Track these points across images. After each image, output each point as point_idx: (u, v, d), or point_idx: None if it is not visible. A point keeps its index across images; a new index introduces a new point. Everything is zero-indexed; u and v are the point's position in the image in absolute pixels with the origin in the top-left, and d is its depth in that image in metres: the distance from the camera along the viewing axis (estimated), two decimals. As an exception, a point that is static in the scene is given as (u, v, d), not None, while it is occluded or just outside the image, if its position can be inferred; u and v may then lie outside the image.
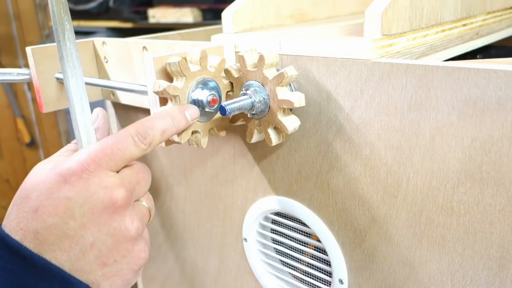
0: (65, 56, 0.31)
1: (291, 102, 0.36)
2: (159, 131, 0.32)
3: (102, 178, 0.29)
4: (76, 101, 0.32)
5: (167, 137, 0.33)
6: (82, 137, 0.32)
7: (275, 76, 0.36)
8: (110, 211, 0.29)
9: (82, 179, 0.28)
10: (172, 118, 0.33)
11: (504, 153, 0.29)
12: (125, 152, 0.30)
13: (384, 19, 0.35)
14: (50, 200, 0.28)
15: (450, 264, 0.34)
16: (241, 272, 0.53)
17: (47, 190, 0.28)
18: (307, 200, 0.43)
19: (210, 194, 0.53)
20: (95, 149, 0.30)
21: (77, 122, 0.32)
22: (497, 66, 0.29)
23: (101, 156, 0.29)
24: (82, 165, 0.29)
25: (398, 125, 0.34)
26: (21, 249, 0.27)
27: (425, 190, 0.34)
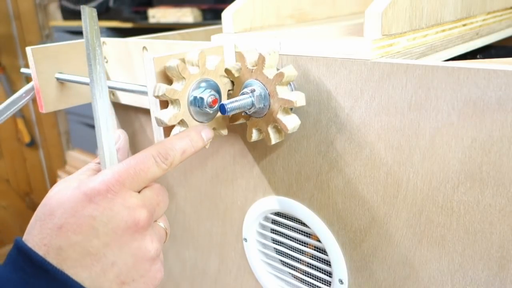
0: (95, 79, 0.33)
1: (291, 102, 0.36)
2: (179, 151, 0.33)
3: (126, 198, 0.30)
4: (102, 122, 0.33)
5: (186, 157, 0.34)
6: (106, 158, 0.33)
7: (275, 76, 0.36)
8: (132, 231, 0.30)
9: (106, 199, 0.29)
10: (191, 139, 0.34)
11: (504, 153, 0.29)
12: (147, 172, 0.31)
13: (384, 19, 0.35)
14: (75, 218, 0.29)
15: (450, 264, 0.34)
16: (241, 272, 0.53)
17: (72, 208, 0.29)
18: (307, 200, 0.43)
19: (210, 194, 0.53)
20: (119, 169, 0.31)
21: (102, 143, 0.33)
22: (497, 66, 0.29)
23: (125, 177, 0.30)
24: (107, 185, 0.30)
25: (398, 125, 0.34)
26: (44, 264, 0.28)
27: (425, 190, 0.34)
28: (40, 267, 0.28)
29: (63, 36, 1.93)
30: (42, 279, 0.27)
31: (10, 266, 0.28)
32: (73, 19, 1.92)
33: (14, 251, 0.28)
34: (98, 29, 0.32)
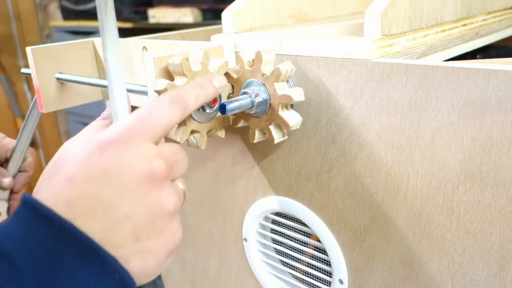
0: (105, 28, 0.31)
1: (290, 97, 0.36)
2: (192, 95, 0.32)
3: (141, 147, 0.28)
4: (113, 73, 0.31)
5: (200, 103, 0.32)
6: (118, 109, 0.31)
7: (273, 72, 0.36)
8: (148, 182, 0.27)
9: (120, 148, 0.27)
10: (201, 86, 0.33)
11: (504, 153, 0.29)
12: (162, 119, 0.29)
13: (384, 19, 0.35)
14: (86, 168, 0.26)
15: (450, 264, 0.34)
16: (241, 272, 0.53)
17: (83, 159, 0.27)
18: (307, 200, 0.43)
19: (210, 194, 0.53)
20: (132, 119, 0.29)
21: (113, 94, 0.31)
22: (497, 66, 0.29)
23: (139, 126, 0.28)
24: (120, 134, 0.28)
25: (398, 125, 0.34)
26: (50, 214, 0.25)
27: (425, 190, 0.34)
28: (45, 217, 0.25)
29: (63, 36, 1.93)
30: (47, 230, 0.25)
31: (15, 220, 0.26)
32: (73, 19, 1.92)
33: (20, 206, 0.26)
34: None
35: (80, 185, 0.26)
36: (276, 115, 0.37)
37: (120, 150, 0.27)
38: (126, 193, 0.27)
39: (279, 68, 0.35)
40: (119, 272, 0.26)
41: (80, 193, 0.26)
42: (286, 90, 0.36)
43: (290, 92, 0.36)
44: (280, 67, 0.35)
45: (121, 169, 0.27)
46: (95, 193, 0.26)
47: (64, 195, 0.26)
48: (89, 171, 0.26)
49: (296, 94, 0.36)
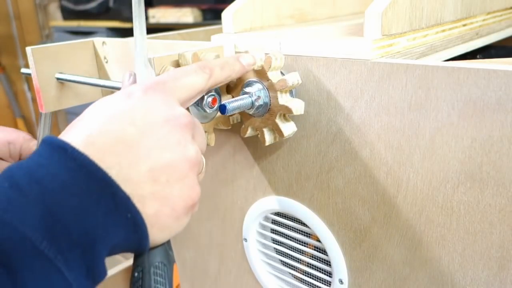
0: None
1: (290, 110, 0.36)
2: (219, 65, 0.32)
3: (166, 98, 0.28)
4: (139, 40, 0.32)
5: (225, 75, 0.33)
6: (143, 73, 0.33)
7: (279, 81, 0.36)
8: (171, 124, 0.27)
9: (146, 94, 0.27)
10: (227, 61, 0.34)
11: (504, 153, 0.29)
12: (187, 80, 0.30)
13: (384, 19, 0.35)
14: (109, 110, 0.26)
15: (450, 264, 0.34)
16: (241, 272, 0.53)
17: (108, 102, 0.27)
18: (307, 200, 0.43)
19: (210, 194, 0.53)
20: (158, 77, 0.29)
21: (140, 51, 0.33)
22: (497, 66, 0.29)
23: (166, 81, 0.29)
24: (147, 85, 0.28)
25: (398, 125, 0.34)
26: (64, 146, 0.24)
27: (425, 190, 0.34)
28: (60, 149, 0.24)
29: (63, 36, 1.93)
30: (59, 161, 0.24)
31: (31, 155, 0.25)
32: (73, 19, 1.92)
33: (39, 145, 0.25)
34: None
35: (102, 122, 0.26)
36: (273, 121, 0.37)
37: (146, 96, 0.27)
38: (148, 132, 0.26)
39: (286, 80, 0.36)
40: (131, 210, 0.25)
41: (100, 130, 0.25)
42: (288, 100, 0.37)
43: (291, 104, 0.36)
44: (287, 79, 0.36)
45: (145, 110, 0.27)
46: (117, 130, 0.25)
47: (84, 132, 0.25)
48: (112, 111, 0.26)
49: (296, 108, 0.36)
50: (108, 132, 0.25)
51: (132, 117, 0.26)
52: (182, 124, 0.27)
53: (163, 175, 0.26)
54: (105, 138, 0.25)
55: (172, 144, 0.27)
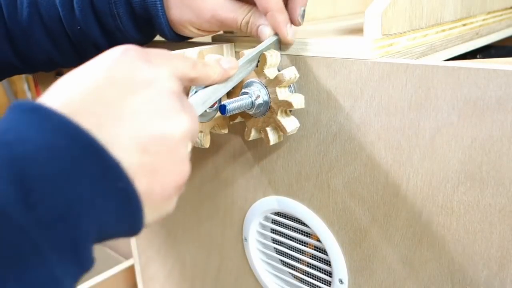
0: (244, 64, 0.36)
1: (290, 104, 0.36)
2: (200, 62, 0.30)
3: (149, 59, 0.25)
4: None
5: (207, 73, 0.30)
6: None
7: (276, 77, 0.36)
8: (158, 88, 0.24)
9: (126, 55, 0.24)
10: (207, 61, 0.32)
11: (504, 153, 0.29)
12: (174, 59, 0.27)
13: (384, 19, 0.35)
14: (86, 72, 0.23)
15: (450, 264, 0.34)
16: (241, 272, 0.53)
17: (84, 66, 0.24)
18: (307, 200, 0.43)
19: (210, 194, 0.53)
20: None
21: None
22: (497, 66, 0.29)
23: (150, 49, 0.26)
24: (128, 46, 0.25)
25: (398, 125, 0.34)
26: (34, 106, 0.21)
27: (425, 190, 0.34)
28: (26, 109, 0.20)
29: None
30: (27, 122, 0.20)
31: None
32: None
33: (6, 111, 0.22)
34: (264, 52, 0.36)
35: (78, 84, 0.22)
36: (275, 118, 0.37)
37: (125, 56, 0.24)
38: (131, 93, 0.23)
39: (283, 74, 0.35)
40: (122, 178, 0.21)
41: (77, 90, 0.22)
42: (287, 95, 0.36)
43: (291, 98, 0.36)
44: (284, 73, 0.35)
45: (126, 69, 0.24)
46: (94, 90, 0.22)
47: (58, 94, 0.22)
48: (89, 73, 0.23)
49: (297, 101, 0.36)
50: (85, 92, 0.22)
51: (112, 77, 0.23)
52: (171, 88, 0.24)
53: (153, 145, 0.23)
54: (82, 99, 0.22)
55: (162, 110, 0.23)
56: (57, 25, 0.42)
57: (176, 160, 0.24)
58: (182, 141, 0.24)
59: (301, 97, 0.36)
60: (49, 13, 0.42)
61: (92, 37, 0.42)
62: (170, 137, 0.23)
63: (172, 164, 0.24)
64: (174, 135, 0.24)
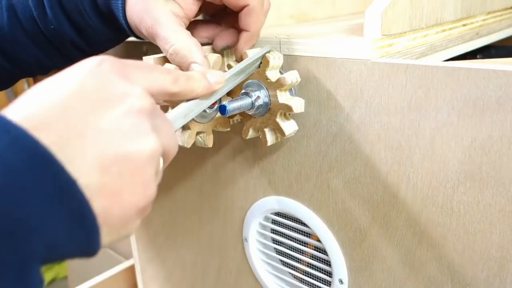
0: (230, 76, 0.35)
1: (290, 108, 0.36)
2: (184, 75, 0.29)
3: (124, 74, 0.24)
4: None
5: (191, 87, 0.30)
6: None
7: (278, 80, 0.36)
8: (128, 106, 0.23)
9: (100, 67, 0.23)
10: (193, 75, 0.31)
11: (504, 153, 0.29)
12: (153, 72, 0.26)
13: (384, 19, 0.35)
14: (55, 83, 0.22)
15: (450, 264, 0.34)
16: (241, 272, 0.53)
17: (55, 77, 0.23)
18: (307, 200, 0.43)
19: (210, 194, 0.53)
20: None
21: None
22: (497, 66, 0.29)
23: (128, 61, 0.25)
24: (103, 57, 0.24)
25: (398, 125, 0.34)
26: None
27: (425, 190, 0.34)
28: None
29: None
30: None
31: None
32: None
33: None
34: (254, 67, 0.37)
35: (43, 96, 0.21)
36: (274, 120, 0.37)
37: (99, 68, 0.23)
38: (99, 110, 0.22)
39: (285, 78, 0.35)
40: (77, 198, 0.20)
41: (41, 103, 0.21)
42: (287, 99, 0.36)
43: (291, 102, 0.36)
44: (286, 77, 0.35)
45: (96, 84, 0.23)
46: (59, 104, 0.21)
47: (21, 107, 0.21)
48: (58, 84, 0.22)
49: (297, 106, 0.36)
50: (49, 105, 0.21)
51: (80, 90, 0.22)
52: (140, 107, 0.23)
53: (114, 165, 0.22)
54: (45, 112, 0.21)
55: (128, 130, 0.22)
56: (34, 26, 0.42)
57: (140, 182, 0.23)
58: (148, 162, 0.23)
59: (301, 101, 0.37)
60: (25, 15, 0.42)
61: (67, 35, 0.42)
62: (135, 158, 0.22)
63: (135, 186, 0.23)
64: (139, 157, 0.23)
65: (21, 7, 0.41)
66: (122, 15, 0.38)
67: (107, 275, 0.77)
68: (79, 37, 0.42)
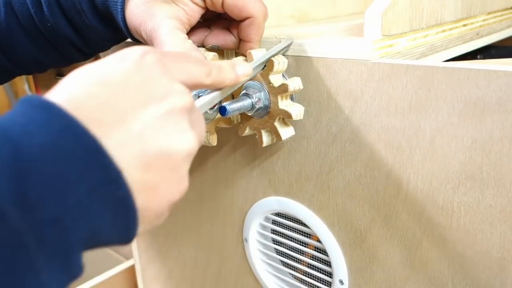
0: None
1: (290, 115, 0.36)
2: (216, 66, 0.29)
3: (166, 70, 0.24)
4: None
5: (220, 79, 0.29)
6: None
7: (280, 86, 0.36)
8: (170, 103, 0.23)
9: (143, 60, 0.24)
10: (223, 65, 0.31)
11: (505, 154, 0.29)
12: (190, 64, 0.26)
13: (384, 19, 0.35)
14: (99, 72, 0.22)
15: (450, 265, 0.34)
16: (241, 272, 0.53)
17: (98, 65, 0.23)
18: (308, 201, 0.43)
19: (210, 195, 0.53)
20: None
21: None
22: (498, 66, 0.29)
23: (167, 53, 0.26)
24: (145, 49, 0.24)
25: (399, 126, 0.34)
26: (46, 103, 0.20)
27: (426, 191, 0.34)
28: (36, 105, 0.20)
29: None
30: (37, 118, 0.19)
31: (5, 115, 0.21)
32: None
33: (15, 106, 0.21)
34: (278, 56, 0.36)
35: (90, 86, 0.22)
36: (272, 124, 0.37)
37: (142, 62, 0.24)
38: (143, 106, 0.22)
39: (288, 85, 0.35)
40: (122, 189, 0.21)
41: (89, 93, 0.21)
42: (288, 105, 0.37)
43: (291, 109, 0.36)
44: (289, 84, 0.36)
45: (141, 78, 0.23)
46: (106, 97, 0.22)
47: (69, 95, 0.21)
48: (102, 74, 0.22)
49: (296, 113, 0.36)
50: (96, 97, 0.21)
51: (126, 84, 0.22)
52: (182, 104, 0.24)
53: (155, 162, 0.22)
54: (93, 104, 0.21)
55: (170, 127, 0.23)
56: (31, 23, 0.42)
57: (177, 178, 0.24)
58: (186, 159, 0.24)
59: (301, 108, 0.37)
60: (22, 12, 0.42)
61: (64, 33, 0.42)
62: (175, 155, 0.23)
63: (172, 182, 0.24)
64: (179, 154, 0.23)
65: (19, 3, 0.41)
66: (121, 17, 0.38)
67: (107, 275, 0.77)
68: (76, 35, 0.42)
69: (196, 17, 0.38)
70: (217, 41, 0.39)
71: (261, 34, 0.38)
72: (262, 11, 0.37)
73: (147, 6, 0.37)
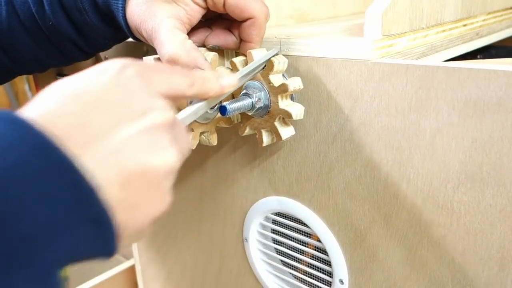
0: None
1: (290, 114, 0.36)
2: (201, 77, 0.29)
3: (147, 84, 0.24)
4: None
5: (205, 90, 0.29)
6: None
7: (280, 86, 0.36)
8: (151, 120, 0.23)
9: (122, 74, 0.23)
10: (208, 76, 0.30)
11: (505, 154, 0.29)
12: (172, 76, 0.26)
13: (384, 19, 0.35)
14: (76, 87, 0.22)
15: (450, 264, 0.34)
16: (241, 272, 0.54)
17: (75, 79, 0.22)
18: (308, 200, 0.43)
19: (210, 194, 0.53)
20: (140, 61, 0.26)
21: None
22: (498, 66, 0.29)
23: (149, 65, 0.25)
24: (125, 62, 0.24)
25: (399, 126, 0.34)
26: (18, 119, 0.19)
27: (426, 191, 0.34)
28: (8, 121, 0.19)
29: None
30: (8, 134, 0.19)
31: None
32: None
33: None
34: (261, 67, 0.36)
35: (65, 103, 0.21)
36: (272, 123, 0.37)
37: (122, 76, 0.23)
38: (122, 123, 0.22)
39: (288, 85, 0.36)
40: (97, 206, 0.20)
41: (64, 111, 0.21)
42: (288, 105, 0.37)
43: (291, 109, 0.36)
44: (289, 84, 0.36)
45: (120, 94, 0.22)
46: (82, 114, 0.21)
47: (44, 111, 0.20)
48: (79, 89, 0.22)
49: (296, 113, 0.36)
50: (72, 113, 0.21)
51: (103, 100, 0.22)
52: (163, 120, 0.23)
53: (135, 179, 0.22)
54: (69, 121, 0.21)
55: (149, 144, 0.22)
56: (32, 21, 0.42)
57: (157, 195, 0.23)
58: (167, 175, 0.24)
59: (301, 108, 0.37)
60: (23, 10, 0.42)
61: (65, 32, 0.42)
62: (155, 172, 0.23)
63: (152, 199, 0.23)
64: (159, 170, 0.23)
65: (20, 2, 0.41)
66: (122, 16, 0.38)
67: (107, 275, 0.77)
68: (77, 34, 0.43)
69: (197, 17, 0.38)
70: (218, 41, 0.39)
71: (262, 34, 0.38)
72: (263, 11, 0.37)
73: (148, 5, 0.37)
